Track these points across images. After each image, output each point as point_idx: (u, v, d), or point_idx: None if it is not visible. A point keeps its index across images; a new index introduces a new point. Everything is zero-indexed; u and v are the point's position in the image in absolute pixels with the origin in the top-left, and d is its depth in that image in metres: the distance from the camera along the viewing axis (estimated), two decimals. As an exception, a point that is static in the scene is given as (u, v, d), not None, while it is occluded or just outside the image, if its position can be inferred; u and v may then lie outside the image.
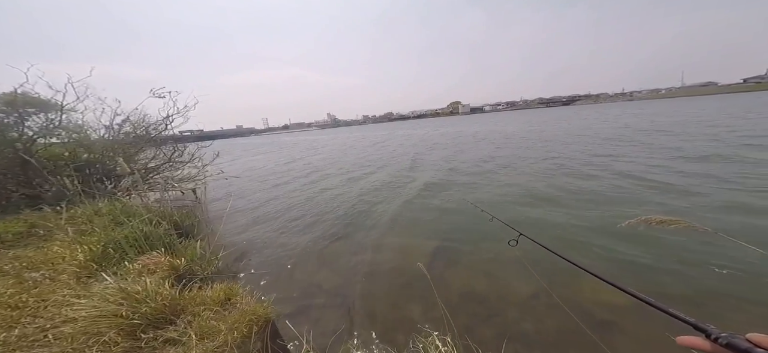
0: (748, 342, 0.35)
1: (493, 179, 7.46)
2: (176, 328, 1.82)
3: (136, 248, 3.14)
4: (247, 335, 1.97)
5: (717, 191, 4.96)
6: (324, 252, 4.01)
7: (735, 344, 0.35)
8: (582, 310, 2.46)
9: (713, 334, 0.39)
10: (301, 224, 5.25)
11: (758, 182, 5.16)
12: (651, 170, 6.69)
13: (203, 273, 2.77)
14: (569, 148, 11.28)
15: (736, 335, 0.37)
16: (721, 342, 0.37)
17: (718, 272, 2.74)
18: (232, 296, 2.38)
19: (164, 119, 6.62)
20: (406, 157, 13.20)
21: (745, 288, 2.52)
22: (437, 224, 4.75)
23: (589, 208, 4.75)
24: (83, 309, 1.85)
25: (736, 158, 6.94)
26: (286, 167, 13.68)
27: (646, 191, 5.30)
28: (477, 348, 2.07)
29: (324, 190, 7.89)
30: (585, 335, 2.18)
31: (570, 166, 8.04)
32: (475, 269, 3.29)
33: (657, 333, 2.10)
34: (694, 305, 2.47)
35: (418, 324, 2.52)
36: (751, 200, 4.37)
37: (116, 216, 4.12)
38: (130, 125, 6.66)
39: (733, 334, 0.37)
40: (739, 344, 0.35)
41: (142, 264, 2.71)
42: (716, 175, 5.83)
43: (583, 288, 2.66)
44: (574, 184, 6.22)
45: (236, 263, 3.67)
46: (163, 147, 6.81)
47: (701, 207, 4.35)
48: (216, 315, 2.08)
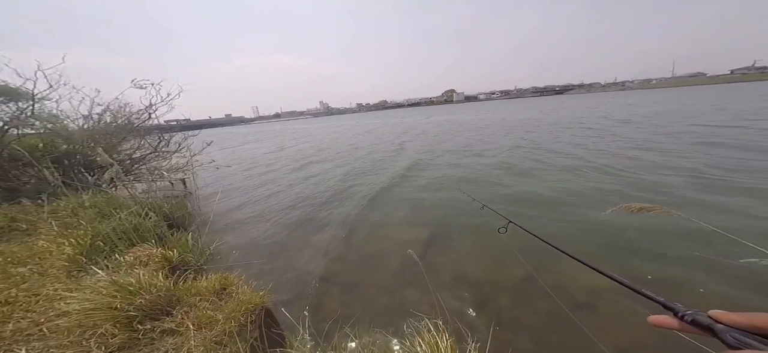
0: (710, 318, 0.38)
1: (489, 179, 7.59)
2: (173, 319, 1.84)
3: (126, 240, 3.10)
4: (244, 323, 2.01)
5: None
6: (317, 240, 4.05)
7: (699, 320, 0.39)
8: (567, 293, 2.60)
9: (680, 312, 0.42)
10: (293, 212, 5.25)
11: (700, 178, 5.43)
12: (626, 160, 6.95)
13: (197, 263, 2.77)
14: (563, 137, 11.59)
15: (700, 312, 0.40)
16: (686, 319, 0.40)
17: (689, 254, 2.93)
18: (227, 285, 2.41)
19: (147, 108, 6.40)
20: (393, 145, 13.53)
21: (713, 269, 2.71)
22: (428, 212, 4.84)
23: (573, 198, 4.93)
24: (76, 302, 1.84)
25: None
26: (276, 156, 13.56)
27: (625, 181, 5.53)
28: (467, 330, 2.18)
29: (313, 178, 7.89)
30: (568, 317, 2.32)
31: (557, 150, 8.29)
32: (465, 254, 3.40)
33: (636, 314, 2.25)
34: (670, 284, 2.65)
35: (410, 308, 2.62)
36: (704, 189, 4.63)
37: (102, 209, 4.02)
38: (111, 115, 6.42)
39: (698, 311, 0.40)
40: (703, 320, 0.38)
41: (134, 257, 2.68)
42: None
43: (568, 272, 2.81)
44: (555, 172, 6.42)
45: (230, 252, 3.68)
46: (147, 137, 6.63)
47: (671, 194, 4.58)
48: (212, 305, 2.10)
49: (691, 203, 4.16)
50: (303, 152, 13.83)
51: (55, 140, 5.53)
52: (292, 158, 11.97)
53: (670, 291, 2.50)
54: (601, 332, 2.20)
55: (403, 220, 4.57)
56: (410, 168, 8.07)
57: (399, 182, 6.74)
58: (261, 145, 20.17)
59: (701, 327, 0.38)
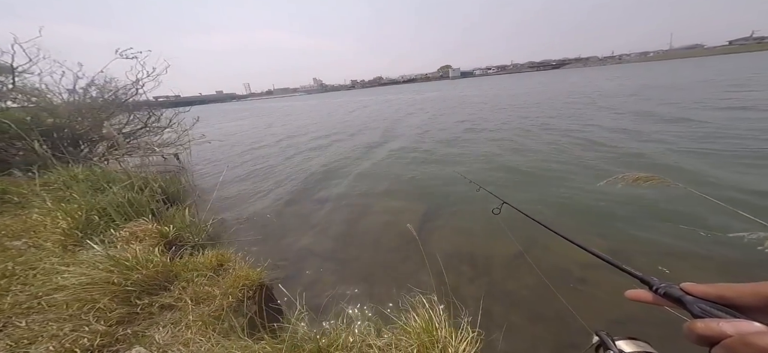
0: (681, 290, 0.39)
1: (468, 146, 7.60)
2: (171, 294, 1.87)
3: (121, 215, 3.08)
4: (241, 299, 2.05)
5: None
6: (313, 216, 4.08)
7: (671, 293, 0.40)
8: (558, 270, 2.69)
9: (655, 285, 0.43)
10: (290, 188, 5.25)
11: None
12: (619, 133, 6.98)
13: (194, 239, 2.78)
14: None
15: (673, 285, 0.41)
16: (659, 292, 0.41)
17: (682, 226, 3.02)
18: (224, 262, 2.43)
19: (134, 84, 6.21)
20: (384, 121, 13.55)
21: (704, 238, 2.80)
22: (423, 188, 4.87)
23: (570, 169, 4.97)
24: (73, 276, 1.85)
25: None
26: (265, 132, 13.38)
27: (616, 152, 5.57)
28: (461, 305, 2.26)
29: (308, 154, 7.84)
30: (556, 292, 2.40)
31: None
32: (459, 231, 3.46)
33: (619, 289, 2.34)
34: (664, 255, 2.75)
35: (407, 283, 2.69)
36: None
37: (95, 182, 3.97)
38: (97, 89, 6.22)
39: (670, 284, 0.41)
40: (674, 292, 0.39)
41: (130, 232, 2.68)
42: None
43: (560, 249, 2.88)
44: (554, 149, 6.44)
45: (227, 229, 3.70)
46: (136, 113, 6.47)
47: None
48: (210, 281, 2.13)
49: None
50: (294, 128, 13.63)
51: (40, 114, 5.38)
52: (284, 136, 11.79)
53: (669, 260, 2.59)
54: (587, 307, 2.30)
55: (399, 196, 4.59)
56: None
57: (397, 161, 6.72)
58: (250, 122, 19.82)
59: (672, 299, 0.39)
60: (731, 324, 0.32)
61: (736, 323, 0.32)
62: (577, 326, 2.14)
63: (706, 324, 0.33)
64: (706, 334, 0.32)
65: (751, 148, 5.22)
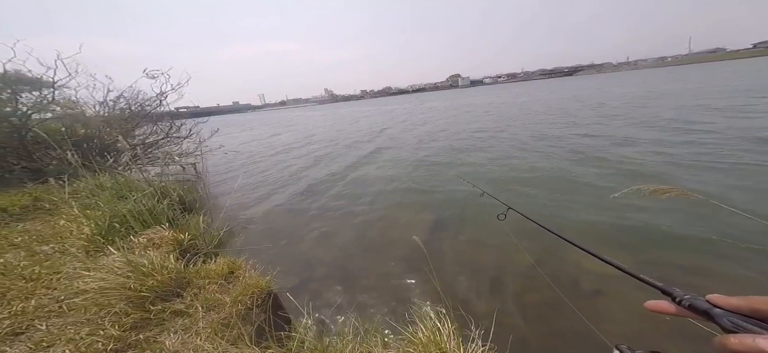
0: (708, 302, 0.36)
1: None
2: (183, 301, 1.92)
3: (140, 222, 3.22)
4: (250, 307, 2.07)
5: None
6: (322, 225, 4.11)
7: (696, 305, 0.37)
8: (570, 280, 2.57)
9: (678, 297, 0.40)
10: (300, 198, 5.33)
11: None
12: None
13: (207, 247, 2.86)
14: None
15: (699, 296, 0.38)
16: (684, 304, 0.38)
17: (707, 237, 2.82)
18: (235, 270, 2.48)
19: (158, 96, 6.61)
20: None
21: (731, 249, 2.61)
22: (429, 199, 4.82)
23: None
24: (93, 281, 1.94)
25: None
26: (274, 142, 13.70)
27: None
28: (470, 318, 2.18)
29: (318, 162, 7.95)
30: (568, 303, 2.29)
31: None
32: (467, 242, 3.39)
33: (636, 301, 2.20)
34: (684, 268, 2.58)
35: (413, 295, 2.64)
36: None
37: (119, 190, 4.18)
38: (125, 101, 6.65)
39: (696, 296, 0.38)
40: (700, 305, 0.36)
41: (148, 239, 2.79)
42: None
43: (569, 258, 2.76)
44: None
45: (238, 237, 3.78)
46: (159, 123, 6.84)
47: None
48: (220, 288, 2.17)
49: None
50: (307, 138, 13.89)
51: (74, 124, 5.76)
52: (297, 146, 12.05)
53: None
54: (603, 319, 2.17)
55: (408, 207, 4.56)
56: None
57: (407, 172, 6.69)
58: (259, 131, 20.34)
59: (698, 311, 0.37)
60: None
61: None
62: (595, 340, 2.03)
63: (740, 340, 0.30)
64: (741, 351, 0.30)
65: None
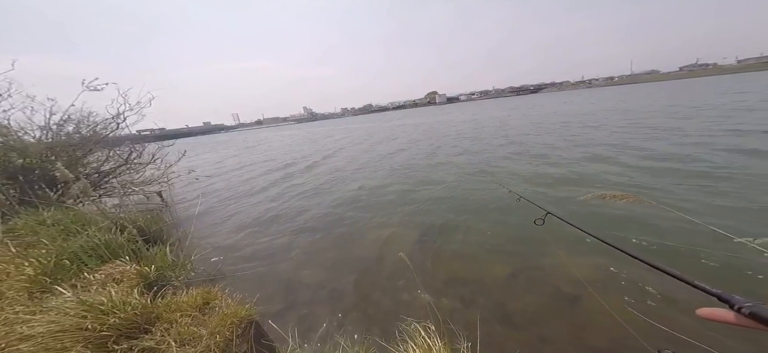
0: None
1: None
2: (153, 336, 1.72)
3: (96, 258, 2.88)
4: (230, 338, 1.91)
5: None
6: (302, 248, 3.96)
7: (758, 313, 0.34)
8: (553, 286, 2.69)
9: (737, 304, 0.37)
10: (276, 221, 5.11)
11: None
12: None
13: (177, 278, 2.62)
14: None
15: (761, 303, 0.35)
16: (744, 312, 0.36)
17: (666, 242, 3.12)
18: (210, 300, 2.29)
19: (115, 117, 6.01)
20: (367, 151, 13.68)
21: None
22: (412, 207, 4.88)
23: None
24: (40, 325, 1.69)
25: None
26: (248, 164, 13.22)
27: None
28: (460, 332, 2.19)
29: (292, 184, 7.77)
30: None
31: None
32: (458, 254, 3.43)
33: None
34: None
35: (402, 313, 2.60)
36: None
37: (68, 226, 3.73)
38: (73, 125, 5.96)
39: (758, 303, 0.35)
40: (763, 313, 0.34)
41: (105, 274, 2.50)
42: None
43: (550, 266, 2.91)
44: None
45: (213, 265, 3.51)
46: (117, 148, 6.22)
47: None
48: (195, 321, 1.99)
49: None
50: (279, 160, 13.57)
51: (9, 153, 5.06)
52: (272, 168, 11.72)
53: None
54: (586, 325, 2.28)
55: (391, 222, 4.56)
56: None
57: (384, 183, 6.75)
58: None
59: (761, 320, 0.34)
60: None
61: None
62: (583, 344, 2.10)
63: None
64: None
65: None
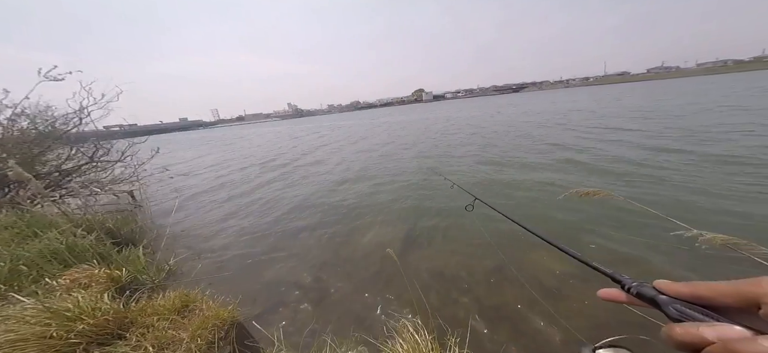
0: (655, 288, 0.37)
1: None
2: (127, 342, 1.62)
3: (57, 263, 2.66)
4: (212, 341, 1.84)
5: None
6: (285, 247, 3.87)
7: (643, 292, 0.38)
8: (539, 276, 2.80)
9: (627, 284, 0.40)
10: (257, 219, 4.97)
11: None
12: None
13: (152, 281, 2.47)
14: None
15: (645, 283, 0.39)
16: (632, 292, 0.39)
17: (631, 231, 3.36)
18: (189, 302, 2.18)
19: (77, 112, 5.55)
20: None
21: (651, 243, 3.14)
22: (401, 204, 4.91)
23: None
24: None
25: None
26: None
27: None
28: (446, 325, 2.23)
29: (273, 183, 7.61)
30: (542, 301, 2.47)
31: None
32: (440, 248, 3.50)
33: (591, 291, 2.49)
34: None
35: (389, 308, 2.61)
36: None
37: (23, 230, 3.41)
38: (28, 120, 5.43)
39: (643, 283, 0.39)
40: (647, 291, 0.37)
41: (71, 279, 2.31)
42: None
43: (533, 251, 3.03)
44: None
45: (191, 267, 3.34)
46: (81, 145, 5.75)
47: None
48: (174, 325, 1.89)
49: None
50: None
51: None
52: (252, 163, 11.38)
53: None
54: (573, 313, 2.38)
55: (380, 219, 4.56)
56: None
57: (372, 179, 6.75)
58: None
59: (645, 299, 0.37)
60: (713, 329, 0.29)
61: (718, 327, 0.29)
62: (565, 337, 2.21)
63: (685, 329, 0.30)
64: (686, 340, 0.30)
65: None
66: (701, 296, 0.32)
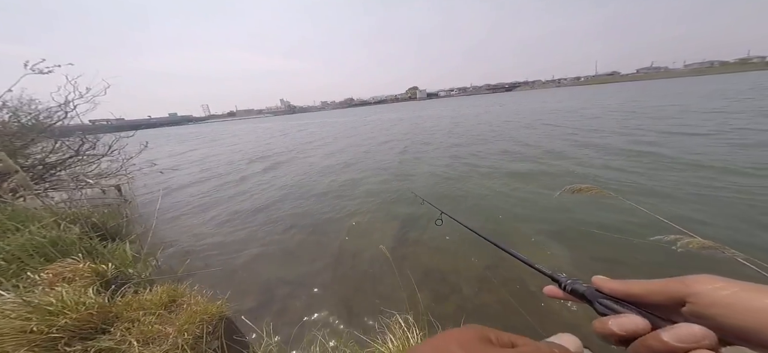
0: (590, 285, 0.38)
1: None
2: (112, 337, 1.59)
3: (40, 257, 2.59)
4: (200, 335, 1.82)
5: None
6: (275, 242, 3.85)
7: (576, 289, 0.40)
8: (520, 279, 2.84)
9: (563, 282, 0.42)
10: (246, 214, 4.92)
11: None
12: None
13: (139, 276, 2.43)
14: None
15: (578, 281, 0.41)
16: (567, 289, 0.41)
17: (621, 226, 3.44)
18: (177, 297, 2.16)
19: (62, 106, 5.42)
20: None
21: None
22: (389, 194, 4.92)
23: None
24: (-28, 330, 1.49)
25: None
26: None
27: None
28: (436, 322, 2.26)
29: (261, 177, 7.53)
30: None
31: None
32: (433, 247, 3.51)
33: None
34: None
35: (381, 305, 2.62)
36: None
37: (2, 223, 3.31)
38: (10, 112, 5.31)
39: (576, 280, 0.41)
40: (579, 288, 0.39)
41: (54, 274, 2.25)
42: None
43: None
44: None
45: (179, 262, 3.29)
46: (65, 139, 5.62)
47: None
48: (160, 319, 1.87)
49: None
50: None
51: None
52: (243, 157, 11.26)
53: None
54: (548, 317, 2.42)
55: (377, 216, 4.56)
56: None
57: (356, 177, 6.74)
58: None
59: (577, 295, 0.39)
60: (616, 321, 0.31)
61: (619, 319, 0.31)
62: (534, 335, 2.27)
63: (600, 322, 0.32)
64: (600, 332, 0.32)
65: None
66: (633, 293, 0.33)
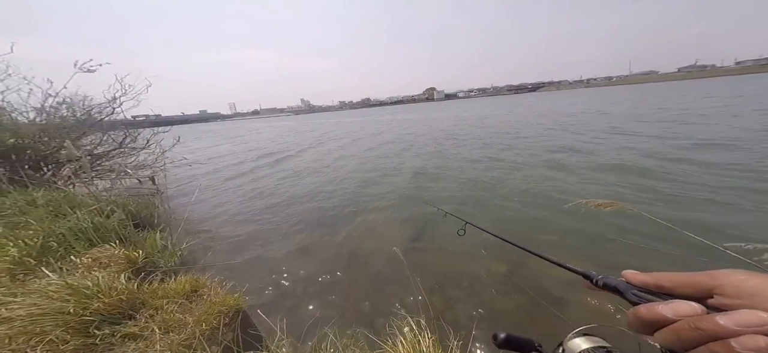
0: (623, 277, 0.40)
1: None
2: (136, 323, 1.70)
3: (84, 241, 2.84)
4: (216, 326, 1.89)
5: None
6: (295, 239, 3.94)
7: (608, 282, 0.42)
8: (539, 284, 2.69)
9: (594, 278, 0.45)
10: (270, 211, 5.08)
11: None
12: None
13: (166, 265, 2.59)
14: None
15: (610, 276, 0.43)
16: (599, 284, 0.44)
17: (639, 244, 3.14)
18: (198, 288, 2.26)
19: (110, 102, 5.98)
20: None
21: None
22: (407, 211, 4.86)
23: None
24: (21, 308, 1.65)
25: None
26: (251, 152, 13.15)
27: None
28: (449, 327, 2.18)
29: (289, 174, 7.73)
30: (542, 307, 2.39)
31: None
32: (446, 253, 3.43)
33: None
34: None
35: (392, 307, 2.59)
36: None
37: (57, 207, 3.67)
38: (68, 108, 5.92)
39: (607, 275, 0.43)
40: (611, 282, 0.41)
41: (92, 258, 2.46)
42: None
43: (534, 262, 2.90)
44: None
45: (204, 253, 3.48)
46: (111, 132, 6.19)
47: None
48: (181, 308, 1.96)
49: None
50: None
51: (2, 134, 5.02)
52: (270, 157, 11.67)
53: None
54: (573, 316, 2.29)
55: (389, 216, 4.54)
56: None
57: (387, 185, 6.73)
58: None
59: (610, 288, 0.41)
60: (669, 306, 0.32)
61: (672, 304, 0.32)
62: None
63: (648, 309, 0.33)
64: (647, 318, 0.33)
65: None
66: (662, 285, 0.35)
